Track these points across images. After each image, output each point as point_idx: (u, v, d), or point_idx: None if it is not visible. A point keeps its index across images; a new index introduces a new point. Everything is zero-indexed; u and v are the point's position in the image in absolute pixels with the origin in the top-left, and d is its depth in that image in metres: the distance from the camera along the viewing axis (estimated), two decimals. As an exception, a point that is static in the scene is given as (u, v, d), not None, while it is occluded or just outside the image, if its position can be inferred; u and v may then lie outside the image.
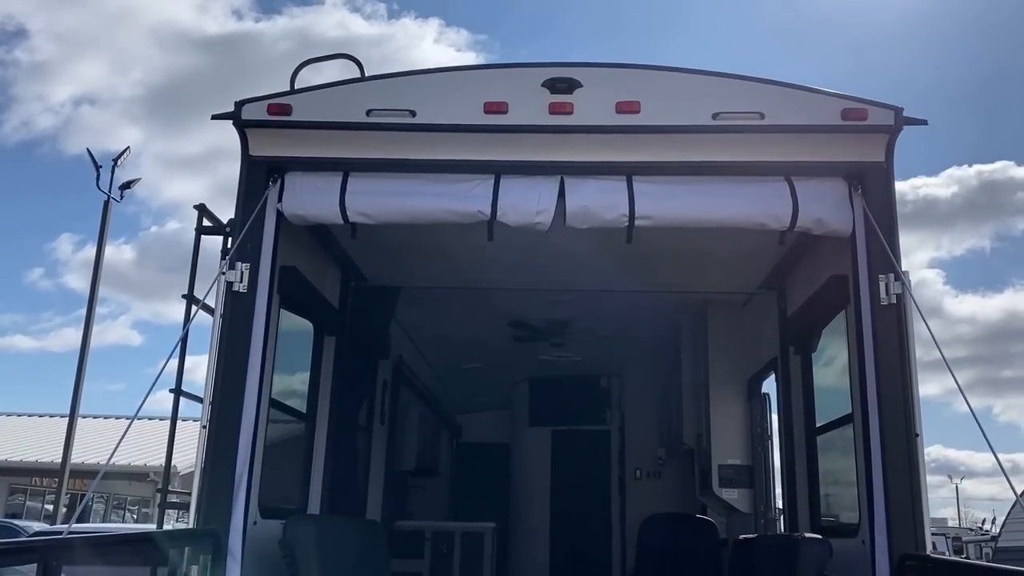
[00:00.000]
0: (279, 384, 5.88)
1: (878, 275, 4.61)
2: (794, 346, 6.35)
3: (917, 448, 4.31)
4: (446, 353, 10.44)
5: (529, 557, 11.55)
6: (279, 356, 5.75)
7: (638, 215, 4.77)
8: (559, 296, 8.01)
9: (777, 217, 4.79)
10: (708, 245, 6.21)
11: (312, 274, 5.98)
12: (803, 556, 4.49)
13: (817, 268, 5.69)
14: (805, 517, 6.04)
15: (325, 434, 6.44)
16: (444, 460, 13.10)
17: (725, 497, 7.68)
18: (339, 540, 5.19)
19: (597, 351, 10.19)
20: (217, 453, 4.54)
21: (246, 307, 4.77)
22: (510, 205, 4.81)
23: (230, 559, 4.41)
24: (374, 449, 8.21)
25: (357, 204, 4.90)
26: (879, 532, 4.30)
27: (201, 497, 4.44)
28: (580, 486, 11.55)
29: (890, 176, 4.77)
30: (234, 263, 4.80)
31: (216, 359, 4.67)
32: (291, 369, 6.41)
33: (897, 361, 4.47)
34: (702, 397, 8.27)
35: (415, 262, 6.86)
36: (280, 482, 6.11)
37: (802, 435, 6.18)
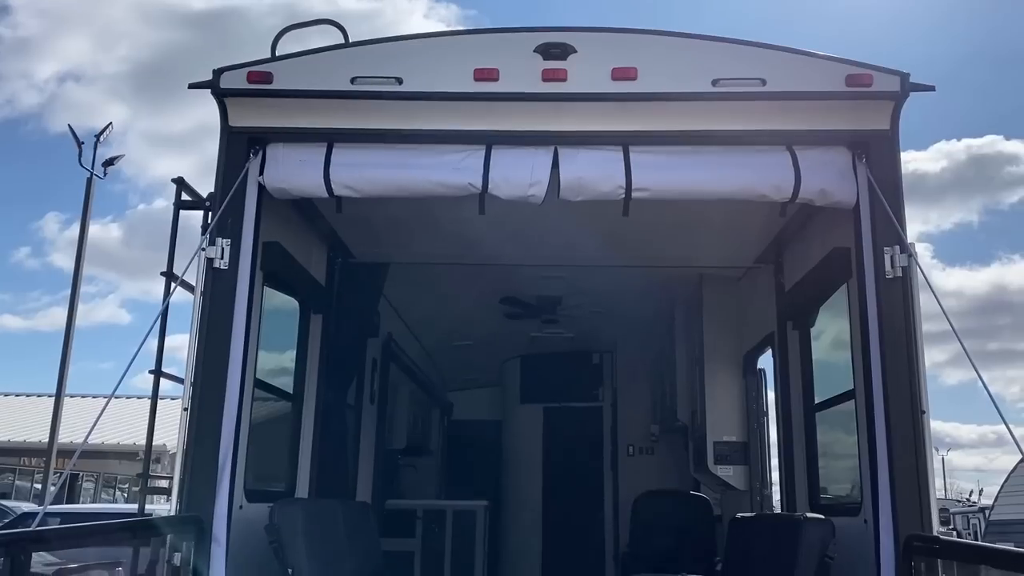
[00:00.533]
0: (264, 364, 5.71)
1: (883, 247, 4.45)
2: (792, 321, 6.22)
3: (924, 425, 4.18)
4: (436, 330, 10.29)
5: (522, 534, 11.49)
6: (264, 335, 5.58)
7: (635, 187, 4.60)
8: (551, 272, 7.85)
9: (779, 188, 4.62)
10: (704, 218, 6.05)
11: (297, 250, 5.79)
12: (805, 536, 4.38)
13: (817, 241, 5.54)
14: (803, 495, 5.93)
15: (312, 414, 6.29)
16: (435, 438, 13.01)
17: (720, 474, 7.58)
18: (327, 523, 5.05)
19: (589, 327, 10.06)
20: (199, 436, 4.37)
21: (227, 284, 4.58)
22: (502, 177, 4.63)
23: (214, 545, 4.26)
24: (363, 428, 8.06)
25: (342, 177, 4.71)
26: (883, 512, 4.18)
27: (184, 482, 4.27)
28: (572, 463, 11.48)
29: (895, 145, 4.60)
30: (214, 239, 4.61)
31: (197, 338, 4.49)
32: (277, 348, 6.24)
33: (903, 336, 4.33)
34: (697, 373, 8.15)
35: (404, 237, 6.67)
36: (266, 465, 5.96)
37: (800, 412, 6.06)
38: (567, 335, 10.55)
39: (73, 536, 3.42)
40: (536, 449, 11.75)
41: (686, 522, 8.94)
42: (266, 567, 4.68)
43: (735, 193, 4.66)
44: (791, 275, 6.20)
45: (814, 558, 4.34)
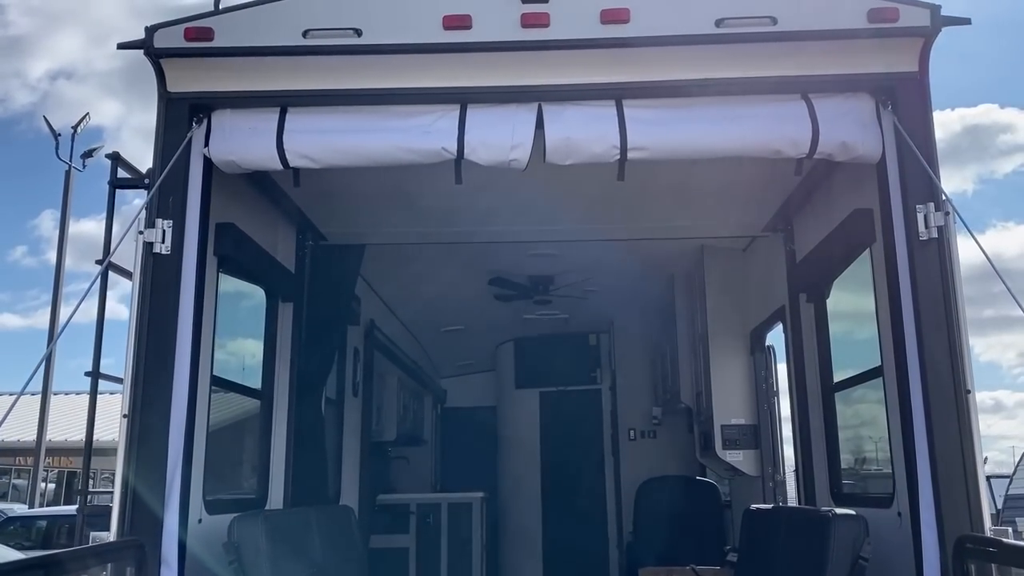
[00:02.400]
0: (226, 360, 5.17)
1: (915, 205, 3.91)
2: (806, 293, 5.68)
3: (969, 407, 3.65)
4: (424, 316, 9.76)
5: (521, 525, 11.06)
6: (224, 328, 5.04)
7: (631, 146, 4.03)
8: (541, 248, 7.31)
9: (795, 142, 4.06)
10: (707, 182, 5.51)
11: (258, 233, 5.22)
12: (836, 535, 3.87)
13: (834, 203, 4.99)
14: (823, 484, 5.43)
15: (285, 413, 5.74)
16: (428, 427, 12.56)
17: (729, 460, 7.07)
18: (298, 536, 4.52)
19: (585, 308, 9.53)
20: (142, 445, 3.83)
21: (170, 271, 4.02)
22: (479, 140, 4.06)
23: (164, 569, 3.73)
24: (347, 423, 7.55)
25: (298, 145, 4.14)
26: (925, 507, 3.67)
27: (125, 500, 3.73)
28: (571, 449, 11.04)
29: (925, 89, 4.05)
30: (153, 220, 4.05)
31: (136, 334, 3.93)
32: (241, 342, 5.69)
33: (940, 304, 3.79)
34: (700, 352, 7.63)
35: (377, 215, 6.11)
36: (232, 471, 5.44)
37: (817, 392, 5.54)
38: (561, 316, 10.06)
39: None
40: (533, 435, 11.31)
41: (693, 509, 8.50)
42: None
43: (745, 149, 4.10)
44: (804, 243, 5.65)
45: (846, 560, 3.83)
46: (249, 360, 5.69)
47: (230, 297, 5.22)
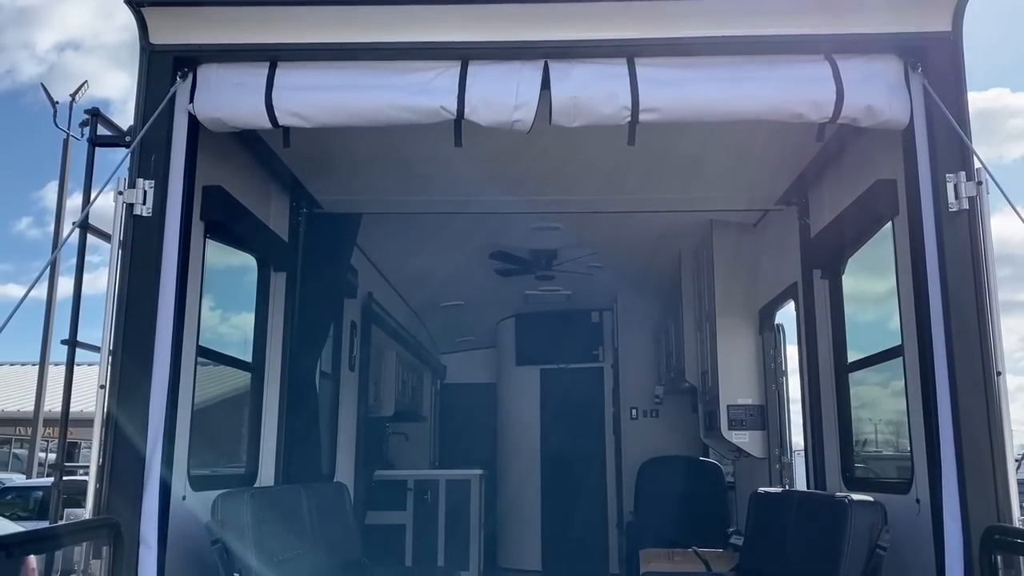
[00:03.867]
0: (214, 331, 4.95)
1: (945, 175, 3.66)
2: (820, 269, 5.44)
3: (1000, 390, 3.43)
4: (423, 290, 9.54)
5: (519, 503, 10.91)
6: (213, 297, 4.83)
7: (643, 107, 3.78)
8: (544, 221, 7.07)
9: (817, 105, 3.80)
10: (720, 152, 5.26)
11: (248, 198, 4.98)
12: (852, 522, 3.66)
13: (855, 173, 4.74)
14: (834, 467, 5.22)
15: (277, 386, 5.54)
16: (427, 404, 12.40)
17: (735, 440, 6.87)
18: (286, 514, 4.33)
19: (588, 284, 9.31)
20: (121, 418, 3.61)
21: (152, 235, 3.79)
22: (481, 99, 3.80)
23: (143, 548, 3.53)
24: (343, 398, 7.35)
25: (288, 103, 3.88)
26: (948, 494, 3.45)
27: (101, 476, 3.52)
28: (572, 427, 10.88)
29: (958, 49, 3.79)
30: (134, 180, 3.81)
31: (116, 300, 3.71)
32: (231, 312, 5.48)
33: (970, 280, 3.56)
34: (707, 330, 7.41)
35: (374, 183, 5.86)
36: (220, 447, 5.24)
37: (830, 372, 5.32)
38: (564, 292, 9.85)
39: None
40: (534, 413, 11.15)
41: (696, 490, 8.34)
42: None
43: (764, 112, 3.84)
44: (819, 216, 5.41)
45: (863, 548, 3.63)
46: (240, 332, 5.48)
47: (219, 265, 5.00)
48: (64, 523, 3.32)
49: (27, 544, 2.86)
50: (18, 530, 6.71)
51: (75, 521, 3.31)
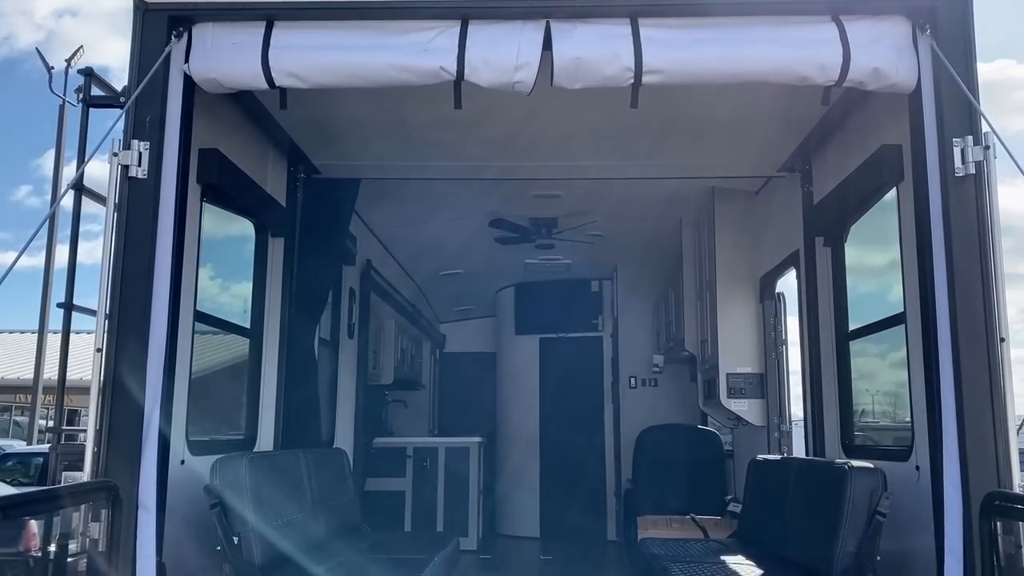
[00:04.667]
0: (212, 296, 4.92)
1: (952, 139, 3.61)
2: (823, 236, 5.40)
3: (1003, 356, 3.40)
4: (423, 258, 9.50)
5: (519, 471, 10.95)
6: (211, 262, 4.79)
7: (646, 69, 3.71)
8: (545, 188, 7.01)
9: (823, 67, 3.73)
10: (723, 117, 5.19)
11: (245, 161, 4.92)
12: (852, 488, 3.66)
13: (859, 139, 4.68)
14: (833, 435, 5.22)
15: (276, 352, 5.52)
16: (427, 372, 12.41)
17: (734, 408, 6.87)
18: (285, 479, 4.32)
19: (588, 253, 9.26)
20: (118, 382, 3.59)
21: (148, 197, 3.74)
22: (481, 59, 3.74)
23: (142, 512, 3.53)
24: (342, 365, 7.34)
25: (284, 63, 3.82)
26: (948, 461, 3.44)
27: (99, 440, 3.51)
28: (571, 396, 10.90)
29: (968, 9, 3.71)
30: (129, 141, 3.75)
31: (112, 263, 3.67)
32: (230, 278, 5.45)
33: (975, 246, 3.52)
34: (707, 299, 7.38)
35: (373, 147, 5.80)
36: (219, 412, 5.24)
37: (831, 340, 5.30)
38: (564, 261, 9.81)
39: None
40: (533, 382, 11.17)
41: (694, 458, 8.35)
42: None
43: (769, 74, 3.77)
44: (822, 183, 5.35)
45: (862, 514, 3.63)
46: (239, 300, 5.45)
47: (216, 229, 4.95)
48: (62, 486, 3.31)
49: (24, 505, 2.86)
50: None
51: (73, 484, 3.30)
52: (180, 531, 3.92)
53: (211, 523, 3.82)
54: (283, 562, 3.95)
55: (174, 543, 3.80)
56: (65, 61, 21.43)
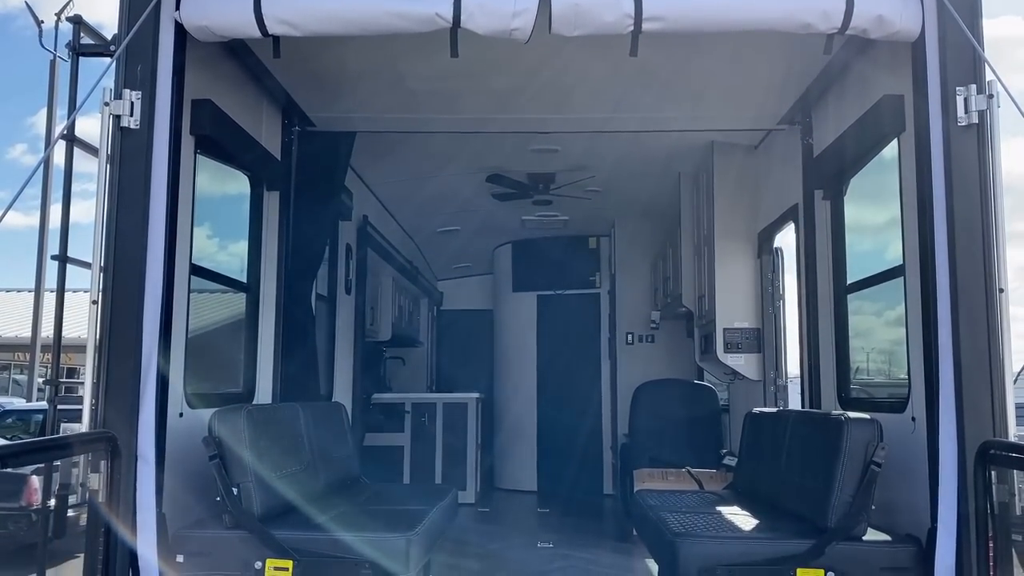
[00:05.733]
0: (207, 250, 4.90)
1: (954, 88, 3.56)
2: (822, 189, 5.36)
3: (1002, 307, 3.40)
4: (419, 214, 9.45)
5: (516, 427, 11.05)
6: (207, 216, 4.75)
7: (646, 16, 3.64)
8: (542, 143, 6.94)
9: (826, 14, 3.67)
10: (723, 69, 5.13)
11: (239, 113, 4.86)
12: (848, 439, 3.67)
13: (860, 89, 4.62)
14: (829, 387, 5.24)
15: (273, 306, 5.51)
16: (424, 329, 12.45)
17: (731, 363, 6.90)
18: (283, 431, 4.34)
19: (585, 209, 9.22)
20: (114, 334, 3.58)
21: (140, 148, 3.70)
22: (477, 4, 3.66)
23: (141, 463, 3.55)
24: (340, 320, 7.34)
25: (277, 9, 3.74)
26: (945, 411, 3.46)
27: (96, 392, 3.51)
28: (568, 353, 10.95)
29: None
30: (120, 91, 3.69)
31: (106, 214, 3.64)
32: (225, 232, 5.41)
33: (976, 196, 3.50)
34: (705, 255, 7.37)
35: (368, 100, 5.72)
36: (217, 366, 5.24)
37: (828, 294, 5.29)
38: (562, 218, 9.78)
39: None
40: (530, 339, 11.21)
41: (690, 412, 8.40)
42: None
43: (772, 22, 3.71)
44: (823, 135, 5.30)
45: (858, 465, 3.65)
46: (234, 251, 5.42)
47: (212, 182, 4.91)
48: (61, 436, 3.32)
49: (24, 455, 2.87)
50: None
51: (72, 434, 3.31)
52: (179, 483, 3.94)
53: (210, 475, 3.84)
54: (282, 512, 3.98)
55: (173, 494, 3.83)
56: (55, 15, 21.10)
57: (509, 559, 6.65)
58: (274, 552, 3.63)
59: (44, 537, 3.58)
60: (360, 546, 3.59)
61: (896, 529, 3.81)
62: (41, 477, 5.36)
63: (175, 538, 3.70)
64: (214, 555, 3.69)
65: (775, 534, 3.83)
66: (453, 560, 6.22)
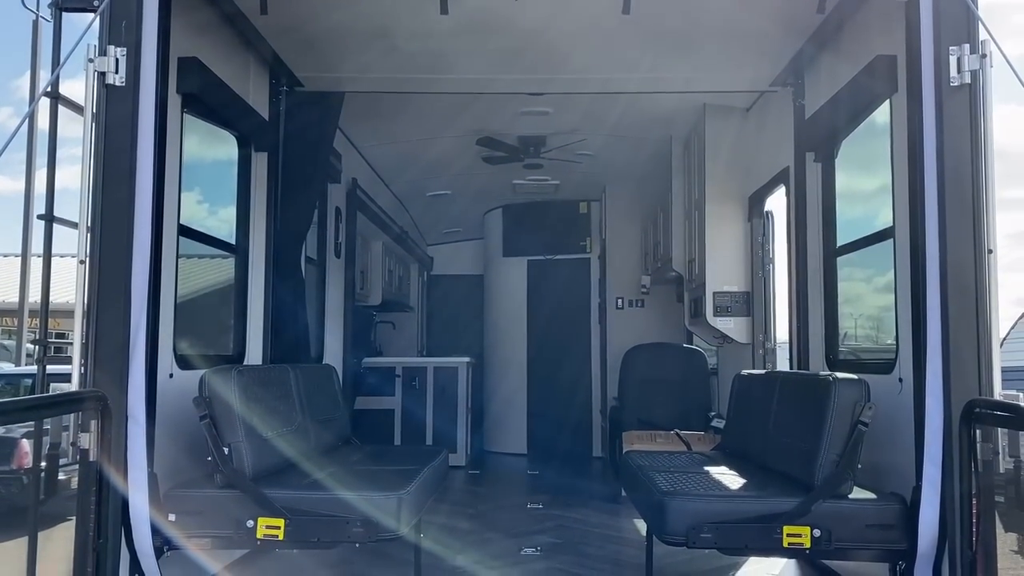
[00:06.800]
0: (196, 212, 4.86)
1: (947, 47, 3.54)
2: (813, 152, 5.35)
3: (990, 268, 3.41)
4: (409, 177, 9.39)
5: (506, 391, 11.11)
6: (195, 177, 4.71)
7: None
8: (533, 105, 6.89)
9: None
10: (716, 28, 5.08)
11: (226, 72, 4.79)
12: (836, 399, 3.70)
13: (853, 50, 4.60)
14: (818, 350, 5.28)
15: (263, 268, 5.49)
16: (415, 294, 12.44)
17: (720, 326, 6.93)
18: (274, 391, 4.34)
19: (576, 173, 9.19)
20: (102, 294, 3.56)
21: (126, 105, 3.64)
22: None
23: (131, 423, 3.54)
24: (330, 284, 7.32)
25: None
26: (932, 371, 3.47)
27: (86, 352, 3.50)
28: (558, 318, 10.99)
29: None
30: (105, 47, 3.63)
31: (92, 173, 3.60)
32: (214, 193, 5.37)
33: (967, 157, 3.49)
34: (695, 219, 7.36)
35: (357, 59, 5.65)
36: (207, 328, 5.23)
37: (818, 256, 5.31)
38: (552, 182, 9.74)
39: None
40: (520, 304, 11.23)
41: (679, 376, 8.48)
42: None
43: None
44: (815, 96, 5.28)
45: (845, 424, 3.68)
46: (223, 213, 5.38)
47: (199, 143, 4.86)
48: (51, 394, 3.31)
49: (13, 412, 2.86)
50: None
51: (62, 393, 3.30)
52: (170, 443, 3.95)
53: (201, 435, 3.85)
54: (274, 472, 4.00)
55: (165, 455, 3.84)
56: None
57: (499, 519, 6.72)
58: (266, 511, 3.65)
59: (36, 500, 3.60)
60: (352, 504, 3.61)
61: (882, 489, 3.86)
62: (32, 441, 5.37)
63: (167, 497, 3.71)
64: (206, 514, 3.70)
65: (762, 492, 3.88)
66: (443, 520, 6.28)
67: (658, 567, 4.64)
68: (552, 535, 6.02)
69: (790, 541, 3.59)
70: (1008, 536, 4.86)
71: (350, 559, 4.94)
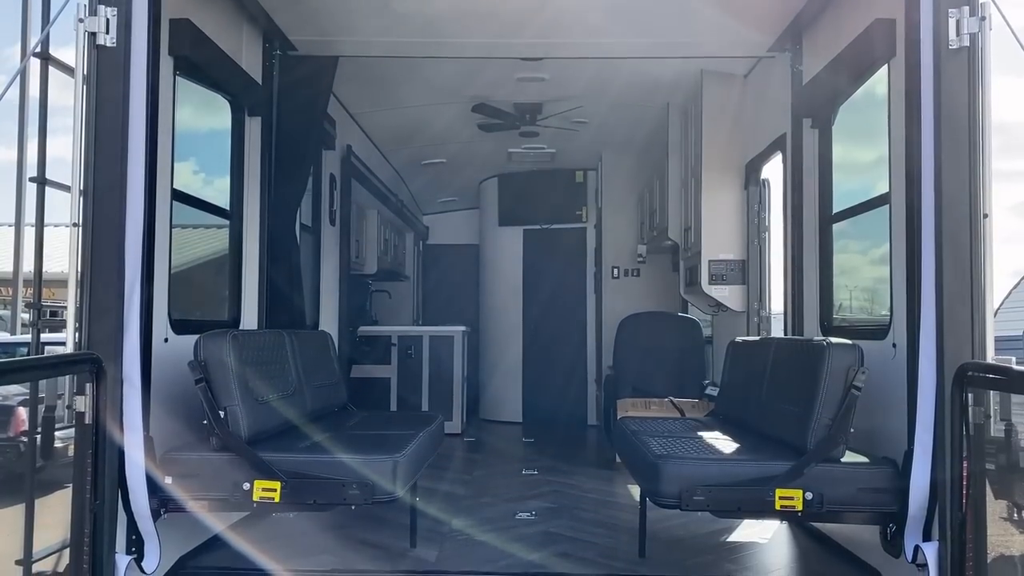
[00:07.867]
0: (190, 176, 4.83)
1: (947, 10, 3.51)
2: (811, 118, 5.32)
3: (985, 232, 3.41)
4: (405, 146, 9.34)
5: (502, 359, 11.13)
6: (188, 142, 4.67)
7: None
8: (529, 71, 6.83)
9: None
10: None
11: (219, 34, 4.74)
12: (829, 363, 3.71)
13: (851, 14, 4.56)
14: (812, 316, 5.29)
15: (257, 234, 5.47)
16: (410, 263, 12.43)
17: (715, 295, 6.94)
18: (269, 356, 4.35)
19: (573, 142, 9.14)
20: (96, 257, 3.55)
21: (117, 66, 3.60)
22: None
23: (127, 387, 3.55)
24: (324, 252, 7.31)
25: None
26: (925, 335, 3.49)
27: (80, 316, 3.49)
28: (554, 287, 10.98)
29: None
30: (95, 7, 3.58)
31: (84, 135, 3.57)
32: (208, 158, 5.33)
33: (965, 120, 3.47)
34: (691, 186, 7.34)
35: (351, 22, 5.59)
36: (201, 293, 5.22)
37: (814, 222, 5.30)
38: (548, 151, 9.69)
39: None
40: (516, 273, 11.22)
41: (674, 344, 8.49)
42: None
43: None
44: (812, 62, 5.24)
45: (838, 389, 3.70)
46: (217, 179, 5.35)
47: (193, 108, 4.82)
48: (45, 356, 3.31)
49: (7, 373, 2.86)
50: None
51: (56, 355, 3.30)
52: (166, 407, 3.96)
53: (197, 399, 3.86)
54: (270, 435, 4.01)
55: (160, 419, 3.85)
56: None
57: (494, 485, 6.77)
58: (262, 473, 3.67)
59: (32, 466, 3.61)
60: (348, 467, 3.64)
61: (875, 453, 3.89)
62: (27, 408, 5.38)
63: (163, 460, 3.73)
64: (202, 477, 3.72)
65: (755, 456, 3.91)
66: (439, 486, 6.33)
67: (652, 531, 4.68)
68: (547, 500, 6.07)
69: (782, 504, 3.63)
70: (998, 503, 4.91)
71: (346, 523, 4.98)
